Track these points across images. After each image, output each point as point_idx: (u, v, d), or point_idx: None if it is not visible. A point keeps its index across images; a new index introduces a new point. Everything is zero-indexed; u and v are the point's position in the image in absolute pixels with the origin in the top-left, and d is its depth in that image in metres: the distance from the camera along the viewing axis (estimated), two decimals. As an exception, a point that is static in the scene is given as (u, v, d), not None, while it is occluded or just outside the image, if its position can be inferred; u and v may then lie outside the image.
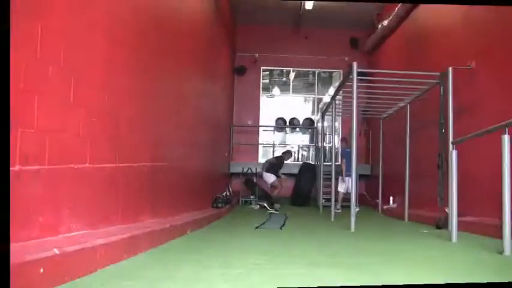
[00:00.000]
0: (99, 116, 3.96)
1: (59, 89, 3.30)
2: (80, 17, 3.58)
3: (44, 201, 3.10)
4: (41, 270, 2.44)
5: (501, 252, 4.05)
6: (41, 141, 3.08)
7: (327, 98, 15.38)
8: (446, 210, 6.08)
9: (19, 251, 2.52)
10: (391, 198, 11.20)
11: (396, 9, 10.94)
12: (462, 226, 5.73)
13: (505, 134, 4.11)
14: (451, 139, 6.58)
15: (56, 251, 2.63)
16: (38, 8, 3.02)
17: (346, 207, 10.16)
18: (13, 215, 2.73)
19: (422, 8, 9.86)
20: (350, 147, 9.43)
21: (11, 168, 2.73)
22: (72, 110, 3.49)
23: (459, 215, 5.34)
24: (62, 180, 3.34)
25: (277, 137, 16.20)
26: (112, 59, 4.20)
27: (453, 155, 5.16)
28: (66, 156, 3.41)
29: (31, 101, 2.97)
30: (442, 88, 7.16)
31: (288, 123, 15.81)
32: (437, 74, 7.36)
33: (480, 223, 6.00)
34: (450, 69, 7.06)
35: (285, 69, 16.13)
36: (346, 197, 10.70)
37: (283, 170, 12.62)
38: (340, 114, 12.54)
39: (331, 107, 10.18)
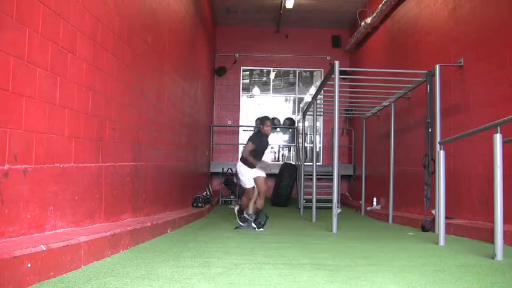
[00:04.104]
0: (84, 117, 4.05)
1: (45, 91, 3.39)
2: (65, 22, 3.66)
3: (32, 199, 3.19)
4: (29, 265, 2.53)
5: (493, 257, 3.84)
6: (29, 141, 3.17)
7: (308, 98, 15.35)
8: (433, 212, 5.93)
9: (8, 246, 2.61)
10: (374, 199, 10.68)
11: (380, 6, 10.41)
12: (449, 229, 5.55)
13: (497, 133, 3.81)
14: (438, 139, 6.33)
15: (43, 247, 2.72)
16: (26, 14, 3.11)
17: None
18: (3, 212, 2.84)
19: (407, 4, 9.32)
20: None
21: (0, 167, 2.83)
22: (58, 111, 3.58)
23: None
24: (48, 179, 3.43)
25: (258, 136, 16.17)
26: (96, 62, 4.29)
27: (440, 155, 4.89)
28: (52, 156, 3.50)
29: (19, 102, 3.06)
30: (428, 86, 6.82)
31: (268, 123, 15.76)
32: (424, 72, 6.97)
33: (469, 226, 5.70)
34: (437, 66, 6.70)
35: (265, 69, 16.07)
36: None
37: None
38: (322, 113, 12.43)
39: (312, 106, 9.87)
